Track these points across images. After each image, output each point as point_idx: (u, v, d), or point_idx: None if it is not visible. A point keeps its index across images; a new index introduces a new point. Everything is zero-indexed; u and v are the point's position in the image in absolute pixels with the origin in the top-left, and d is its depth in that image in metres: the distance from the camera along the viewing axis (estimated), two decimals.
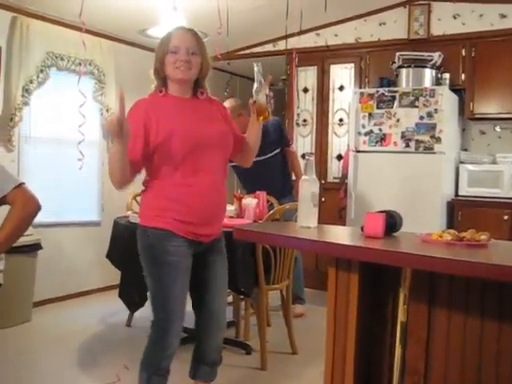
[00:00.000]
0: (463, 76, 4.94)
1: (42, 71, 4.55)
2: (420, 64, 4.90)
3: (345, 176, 5.11)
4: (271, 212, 3.41)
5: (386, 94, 4.84)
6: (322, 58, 5.59)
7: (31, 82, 4.47)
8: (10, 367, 3.26)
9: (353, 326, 1.78)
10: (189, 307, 2.35)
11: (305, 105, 5.75)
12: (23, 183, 2.41)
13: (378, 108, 4.88)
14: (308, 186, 2.01)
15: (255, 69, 2.32)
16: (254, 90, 2.31)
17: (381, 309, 1.89)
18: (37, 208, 2.39)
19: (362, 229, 1.87)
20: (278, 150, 4.38)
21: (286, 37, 4.40)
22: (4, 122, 4.38)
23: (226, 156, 2.36)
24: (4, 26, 4.38)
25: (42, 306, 4.51)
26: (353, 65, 5.49)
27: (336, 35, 5.57)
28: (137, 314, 4.03)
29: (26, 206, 2.35)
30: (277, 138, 4.34)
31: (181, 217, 2.18)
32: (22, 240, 3.88)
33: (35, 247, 4.21)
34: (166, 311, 2.25)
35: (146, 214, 2.28)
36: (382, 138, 4.85)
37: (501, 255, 1.79)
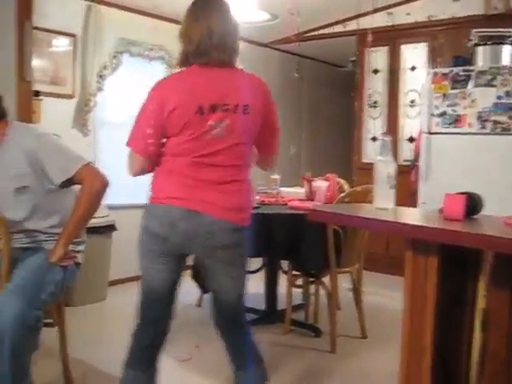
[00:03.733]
0: None
1: (115, 57, 4.68)
2: (498, 41, 4.67)
3: (416, 159, 4.98)
4: (342, 195, 3.37)
5: (461, 73, 4.65)
6: (392, 37, 5.44)
7: (105, 67, 4.61)
8: (86, 342, 3.40)
9: (431, 311, 1.73)
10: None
11: (375, 86, 5.63)
12: (90, 162, 2.49)
13: (452, 88, 4.70)
14: (384, 167, 1.97)
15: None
16: None
17: (460, 295, 1.83)
18: (105, 184, 2.48)
19: (440, 211, 1.82)
20: None
21: (358, 16, 4.29)
22: (80, 107, 4.53)
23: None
24: (80, 14, 4.51)
25: (116, 286, 4.66)
26: (425, 44, 5.31)
27: (408, 14, 5.39)
28: (207, 294, 4.10)
29: (94, 182, 2.44)
30: None
31: None
32: (99, 221, 4.03)
33: (110, 228, 4.35)
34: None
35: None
36: (457, 120, 4.67)
37: None
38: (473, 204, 1.83)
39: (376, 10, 4.95)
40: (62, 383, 2.75)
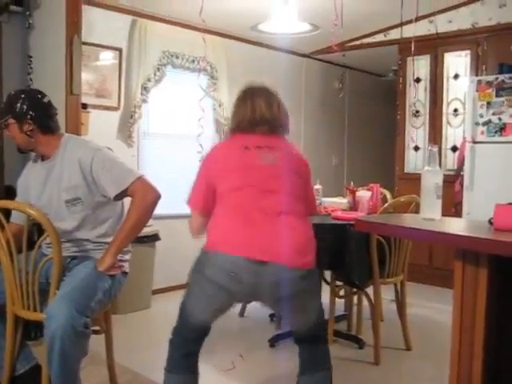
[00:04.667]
0: None
1: (158, 69, 4.77)
2: None
3: (460, 168, 4.90)
4: (386, 205, 3.35)
5: (507, 80, 4.57)
6: (434, 46, 5.38)
7: (149, 80, 4.70)
8: (132, 349, 3.45)
9: (481, 322, 1.70)
10: None
11: (417, 95, 5.57)
12: (143, 175, 2.55)
13: (497, 96, 4.62)
14: (431, 177, 1.95)
15: None
16: None
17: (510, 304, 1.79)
18: (157, 196, 2.53)
19: (489, 222, 1.79)
20: None
21: (401, 25, 4.26)
22: (125, 119, 4.64)
23: None
24: (125, 29, 4.63)
25: (159, 294, 4.72)
26: (468, 52, 5.23)
27: (450, 21, 5.33)
28: (250, 305, 4.12)
29: (146, 195, 2.49)
30: None
31: None
32: (143, 231, 4.09)
33: (154, 238, 4.42)
34: None
35: None
36: (502, 128, 4.59)
37: None
38: None
39: (418, 19, 4.90)
40: None
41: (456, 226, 2.00)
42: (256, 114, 2.22)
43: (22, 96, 2.53)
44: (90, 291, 2.36)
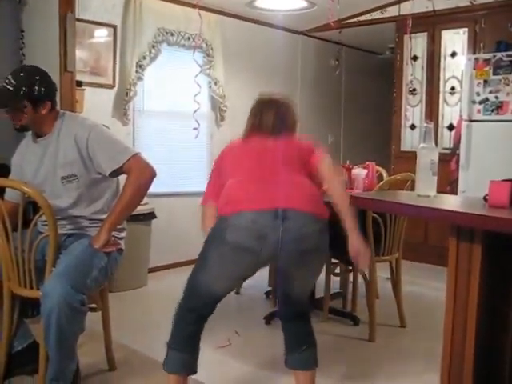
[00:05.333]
0: None
1: (153, 47, 4.72)
2: None
3: (456, 147, 4.90)
4: (382, 182, 3.35)
5: (504, 58, 4.55)
6: (432, 23, 5.34)
7: (144, 57, 4.65)
8: (129, 327, 3.47)
9: (474, 301, 1.71)
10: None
11: (414, 73, 5.54)
12: (138, 153, 2.54)
13: (494, 74, 4.60)
14: (427, 154, 1.95)
15: None
16: None
17: (506, 284, 1.80)
18: (152, 174, 2.52)
19: (484, 198, 1.79)
20: None
21: (398, 2, 4.22)
22: (120, 96, 4.61)
23: None
24: (119, 5, 4.58)
25: (156, 272, 4.74)
26: (466, 29, 5.19)
27: None
28: (246, 282, 4.14)
29: (142, 173, 2.49)
30: None
31: None
32: (139, 209, 4.08)
33: (150, 216, 4.42)
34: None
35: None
36: (499, 106, 4.58)
37: None
38: None
39: None
40: (106, 365, 2.83)
41: (451, 203, 2.01)
42: (263, 128, 2.35)
43: (37, 78, 2.45)
44: (85, 268, 2.36)
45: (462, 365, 1.81)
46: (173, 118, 5.06)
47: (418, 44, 5.48)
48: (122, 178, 2.55)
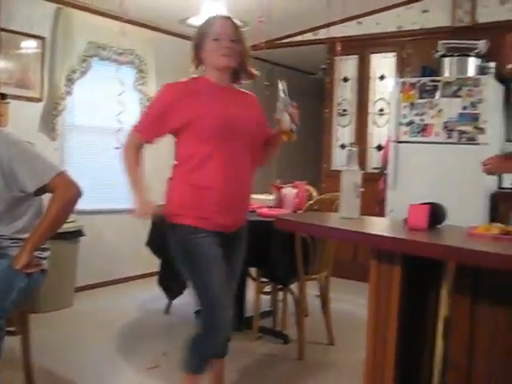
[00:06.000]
0: (510, 65, 4.78)
1: (84, 61, 4.62)
2: (464, 52, 4.78)
3: (384, 167, 5.05)
4: (310, 202, 3.40)
5: (429, 83, 4.74)
6: (362, 47, 5.52)
7: (74, 71, 4.55)
8: (51, 350, 3.33)
9: (394, 319, 1.76)
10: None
11: (345, 94, 5.69)
12: (64, 171, 2.46)
13: (419, 98, 4.78)
14: (350, 177, 1.99)
15: (279, 86, 2.27)
16: (278, 107, 2.29)
17: (423, 302, 1.86)
18: (78, 193, 2.45)
19: (405, 221, 1.85)
20: None
21: (327, 25, 4.34)
22: (48, 111, 4.47)
23: (258, 145, 2.38)
24: (49, 17, 4.46)
25: (83, 292, 4.60)
26: (394, 54, 5.40)
27: (378, 23, 5.47)
28: (175, 301, 4.09)
29: (67, 191, 2.41)
30: None
31: (202, 213, 2.22)
32: (65, 226, 3.94)
33: (77, 233, 4.29)
34: (210, 300, 2.28)
35: (171, 211, 2.29)
36: (424, 129, 4.76)
37: None
38: (436, 214, 1.86)
39: (345, 20, 5.01)
40: None
41: (372, 225, 2.06)
42: None
43: None
44: (4, 290, 2.26)
45: (383, 379, 1.85)
46: (103, 133, 4.95)
47: (348, 66, 5.64)
48: (46, 196, 2.47)
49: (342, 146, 5.69)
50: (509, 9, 4.85)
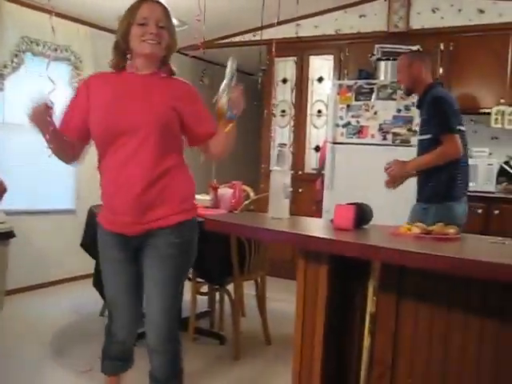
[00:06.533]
0: (441, 70, 4.96)
1: (16, 56, 4.48)
2: (398, 57, 4.89)
3: (322, 168, 5.12)
4: (246, 202, 3.41)
5: (365, 86, 4.85)
6: (301, 49, 5.59)
7: (5, 66, 4.40)
8: None
9: (321, 318, 1.79)
10: None
11: (283, 95, 5.74)
12: None
13: (356, 100, 4.90)
14: (280, 177, 2.01)
15: (229, 63, 2.04)
16: (220, 88, 2.03)
17: (350, 300, 1.91)
18: (2, 191, 2.37)
19: (331, 221, 1.88)
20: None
21: (261, 28, 4.37)
22: None
23: (169, 140, 2.07)
24: None
25: (14, 295, 4.45)
26: (332, 56, 5.50)
27: (316, 26, 5.56)
28: None
29: None
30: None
31: (105, 209, 2.17)
32: None
33: (8, 235, 4.13)
34: (108, 302, 2.30)
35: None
36: (360, 131, 4.87)
37: (469, 249, 1.81)
38: (362, 214, 1.91)
39: (282, 22, 5.05)
40: None
41: (300, 226, 2.09)
42: None
43: None
44: None
45: (311, 377, 1.88)
46: (34, 131, 4.79)
47: (287, 67, 5.70)
48: None
49: (280, 146, 5.74)
50: (440, 16, 5.03)
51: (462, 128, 3.27)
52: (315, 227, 2.04)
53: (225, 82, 2.00)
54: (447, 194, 3.26)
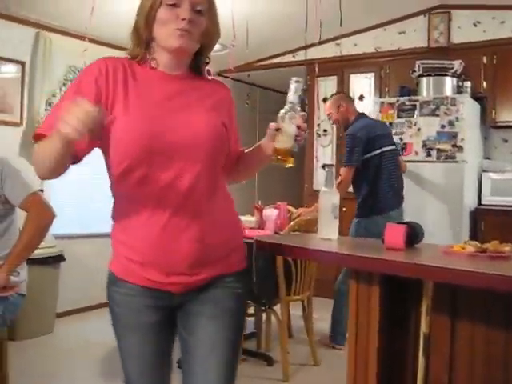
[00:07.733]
0: (485, 84, 4.89)
1: (64, 85, 4.64)
2: (440, 72, 4.87)
3: None
4: (292, 223, 3.41)
5: (407, 103, 4.82)
6: (341, 67, 5.59)
7: (54, 95, 4.56)
8: (32, 378, 3.28)
9: (374, 339, 1.76)
10: None
11: (325, 115, 5.74)
12: (39, 190, 2.45)
13: (398, 117, 4.86)
14: (329, 198, 2.00)
15: (292, 86, 1.55)
16: (280, 115, 1.57)
17: (403, 321, 1.87)
18: (52, 216, 2.44)
19: (382, 240, 1.86)
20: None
21: (305, 47, 4.40)
22: (28, 135, 4.44)
23: (218, 158, 1.59)
24: (28, 41, 4.47)
25: (64, 317, 4.54)
26: (373, 74, 5.48)
27: (355, 45, 5.56)
28: None
29: (40, 215, 2.41)
30: None
31: (130, 254, 1.50)
32: (46, 252, 3.95)
33: (58, 258, 4.25)
34: (124, 372, 1.58)
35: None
36: (403, 148, 4.82)
37: None
38: (414, 233, 1.88)
39: (323, 42, 5.08)
40: None
41: (350, 246, 2.07)
42: None
43: None
44: None
45: None
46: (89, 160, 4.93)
47: (328, 86, 5.70)
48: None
49: (323, 167, 5.72)
50: (482, 30, 4.96)
51: (386, 149, 3.88)
52: (365, 247, 2.02)
53: (287, 105, 1.56)
54: (372, 208, 3.79)
